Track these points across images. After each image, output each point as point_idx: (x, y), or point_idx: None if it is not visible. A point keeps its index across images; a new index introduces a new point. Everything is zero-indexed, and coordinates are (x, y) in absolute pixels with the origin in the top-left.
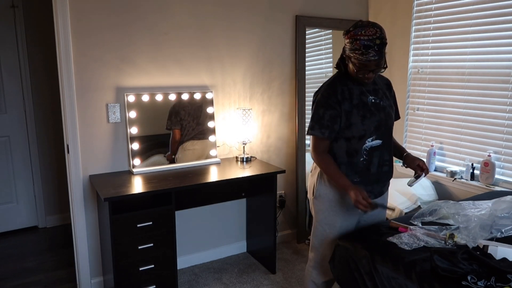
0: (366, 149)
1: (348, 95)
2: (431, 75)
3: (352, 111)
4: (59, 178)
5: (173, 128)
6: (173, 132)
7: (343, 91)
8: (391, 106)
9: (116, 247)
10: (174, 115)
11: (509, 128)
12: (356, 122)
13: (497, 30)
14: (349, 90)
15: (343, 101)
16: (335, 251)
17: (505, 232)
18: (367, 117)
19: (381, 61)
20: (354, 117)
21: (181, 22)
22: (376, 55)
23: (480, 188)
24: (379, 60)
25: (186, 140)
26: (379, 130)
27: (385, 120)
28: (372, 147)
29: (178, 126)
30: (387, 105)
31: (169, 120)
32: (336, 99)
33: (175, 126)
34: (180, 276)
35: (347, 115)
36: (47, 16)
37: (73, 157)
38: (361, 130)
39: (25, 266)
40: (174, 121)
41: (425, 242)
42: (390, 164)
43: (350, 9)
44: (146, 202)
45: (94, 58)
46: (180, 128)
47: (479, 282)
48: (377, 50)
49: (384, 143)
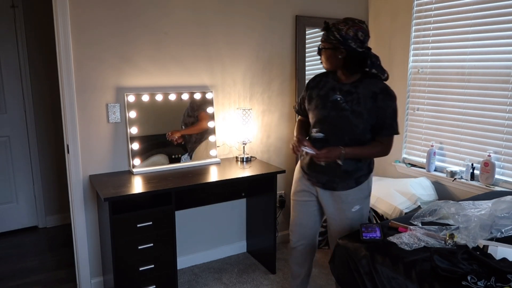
0: (311, 138)
1: (321, 85)
2: (431, 75)
3: (313, 99)
4: (59, 178)
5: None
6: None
7: (320, 81)
8: (359, 113)
9: (116, 247)
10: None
11: (509, 128)
12: (311, 109)
13: (497, 30)
14: (325, 82)
15: (313, 88)
16: (335, 251)
17: (505, 232)
18: (318, 108)
19: (325, 44)
20: (311, 105)
21: (181, 22)
22: (322, 37)
23: (480, 188)
24: (323, 42)
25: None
26: (323, 124)
27: (335, 119)
28: (315, 138)
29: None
30: (351, 110)
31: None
32: (309, 85)
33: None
34: (180, 276)
35: (309, 101)
36: (47, 16)
37: (73, 157)
38: (311, 118)
39: (25, 266)
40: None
41: (425, 242)
42: (331, 163)
43: (350, 9)
44: (146, 202)
45: (94, 58)
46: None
47: (479, 282)
48: (323, 33)
49: (328, 140)
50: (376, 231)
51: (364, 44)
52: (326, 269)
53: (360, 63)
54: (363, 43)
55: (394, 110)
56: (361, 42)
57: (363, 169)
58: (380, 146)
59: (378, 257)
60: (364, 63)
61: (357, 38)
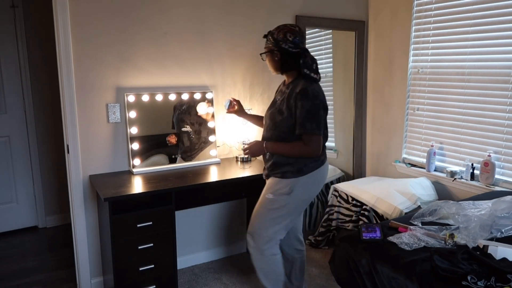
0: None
1: (277, 89)
2: (431, 75)
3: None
4: (59, 178)
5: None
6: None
7: (279, 86)
8: (281, 112)
9: (116, 247)
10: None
11: (509, 128)
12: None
13: (497, 30)
14: (279, 86)
15: (275, 92)
16: (335, 251)
17: (505, 232)
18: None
19: (265, 50)
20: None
21: (181, 22)
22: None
23: (480, 188)
24: (264, 49)
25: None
26: (264, 123)
27: (267, 117)
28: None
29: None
30: (278, 108)
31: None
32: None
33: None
34: (180, 276)
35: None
36: (47, 16)
37: (73, 157)
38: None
39: (25, 266)
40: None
41: (425, 242)
42: (267, 156)
43: (350, 9)
44: (146, 202)
45: (94, 58)
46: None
47: (479, 282)
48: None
49: (263, 136)
50: (376, 231)
51: (297, 45)
52: (326, 269)
53: (294, 63)
54: (295, 43)
55: (308, 110)
56: (292, 42)
57: (290, 167)
58: (300, 145)
59: (378, 257)
60: (297, 63)
61: (287, 38)
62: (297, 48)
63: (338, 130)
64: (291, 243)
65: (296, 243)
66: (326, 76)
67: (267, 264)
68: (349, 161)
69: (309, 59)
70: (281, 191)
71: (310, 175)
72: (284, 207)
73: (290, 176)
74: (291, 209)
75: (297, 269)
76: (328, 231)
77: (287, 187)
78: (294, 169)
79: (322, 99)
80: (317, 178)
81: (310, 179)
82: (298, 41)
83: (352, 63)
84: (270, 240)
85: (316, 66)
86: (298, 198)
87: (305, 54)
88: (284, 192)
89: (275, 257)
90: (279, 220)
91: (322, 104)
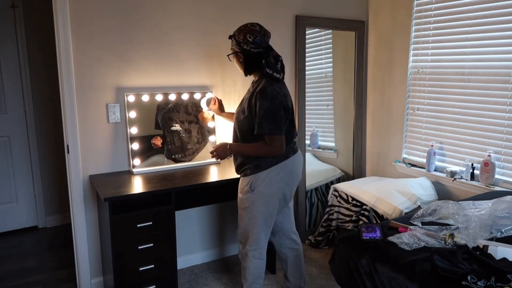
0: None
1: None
2: (431, 75)
3: None
4: (59, 178)
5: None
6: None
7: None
8: (243, 111)
9: (116, 247)
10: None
11: (509, 128)
12: None
13: (497, 30)
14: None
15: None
16: (335, 251)
17: (505, 232)
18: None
19: (230, 50)
20: None
21: (181, 22)
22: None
23: (480, 188)
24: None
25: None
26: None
27: (235, 117)
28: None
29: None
30: (241, 108)
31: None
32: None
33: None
34: (180, 276)
35: None
36: (47, 16)
37: (73, 157)
38: None
39: (25, 266)
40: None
41: (425, 242)
42: (235, 157)
43: (350, 9)
44: (146, 202)
45: (94, 58)
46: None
47: (479, 282)
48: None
49: (232, 136)
50: (376, 231)
51: (259, 45)
52: (326, 269)
53: (257, 63)
54: (256, 44)
55: (265, 109)
56: (253, 43)
57: (250, 164)
58: (261, 145)
59: (378, 257)
60: (260, 63)
61: (247, 40)
62: (259, 48)
63: (338, 130)
64: (283, 243)
65: (288, 242)
66: (326, 76)
67: (247, 265)
68: (349, 161)
69: (272, 58)
70: (246, 189)
71: (270, 170)
72: (252, 204)
73: (249, 173)
74: (259, 207)
75: (293, 267)
76: (328, 231)
77: (249, 184)
78: (253, 166)
79: (281, 99)
80: (279, 172)
81: (271, 173)
82: (258, 41)
83: (352, 63)
84: (252, 242)
85: (281, 65)
86: (262, 194)
87: (268, 53)
88: (248, 190)
89: (256, 261)
90: (254, 221)
91: (281, 104)
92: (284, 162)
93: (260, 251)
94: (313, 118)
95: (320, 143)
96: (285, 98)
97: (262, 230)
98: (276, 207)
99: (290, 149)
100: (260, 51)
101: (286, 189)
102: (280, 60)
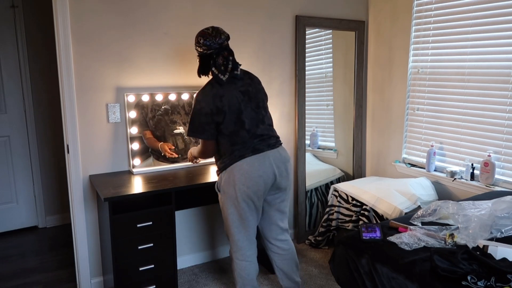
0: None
1: None
2: (431, 75)
3: None
4: (59, 178)
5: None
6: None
7: None
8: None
9: (116, 247)
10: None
11: (509, 128)
12: None
13: (497, 30)
14: None
15: None
16: (335, 251)
17: (505, 232)
18: None
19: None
20: None
21: (181, 22)
22: None
23: (480, 188)
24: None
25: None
26: None
27: None
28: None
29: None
30: None
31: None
32: None
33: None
34: (180, 276)
35: None
36: (47, 16)
37: (73, 157)
38: None
39: (25, 266)
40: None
41: (425, 242)
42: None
43: (350, 9)
44: (146, 202)
45: (94, 58)
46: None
47: (479, 282)
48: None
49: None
50: (376, 231)
51: (210, 47)
52: (326, 269)
53: (208, 64)
54: (207, 46)
55: (193, 112)
56: (204, 45)
57: (217, 164)
58: (197, 146)
59: (378, 257)
60: (208, 65)
61: (199, 42)
62: (210, 49)
63: (338, 130)
64: (267, 246)
65: (271, 246)
66: (326, 76)
67: (233, 267)
68: (349, 161)
69: (220, 59)
70: (217, 190)
71: (227, 171)
72: (223, 205)
73: (218, 174)
74: (228, 208)
75: (281, 272)
76: (328, 231)
77: (216, 185)
78: (220, 166)
79: (203, 104)
80: (235, 173)
81: (228, 174)
82: (208, 43)
83: (352, 63)
84: (232, 244)
85: (227, 65)
86: (228, 195)
87: (218, 54)
88: (218, 191)
89: (240, 263)
90: (228, 223)
91: (204, 110)
92: (238, 162)
93: (241, 253)
94: (313, 118)
95: (320, 143)
96: (217, 100)
97: (239, 232)
98: (246, 209)
99: (246, 149)
100: (212, 52)
101: (247, 190)
102: (228, 60)
